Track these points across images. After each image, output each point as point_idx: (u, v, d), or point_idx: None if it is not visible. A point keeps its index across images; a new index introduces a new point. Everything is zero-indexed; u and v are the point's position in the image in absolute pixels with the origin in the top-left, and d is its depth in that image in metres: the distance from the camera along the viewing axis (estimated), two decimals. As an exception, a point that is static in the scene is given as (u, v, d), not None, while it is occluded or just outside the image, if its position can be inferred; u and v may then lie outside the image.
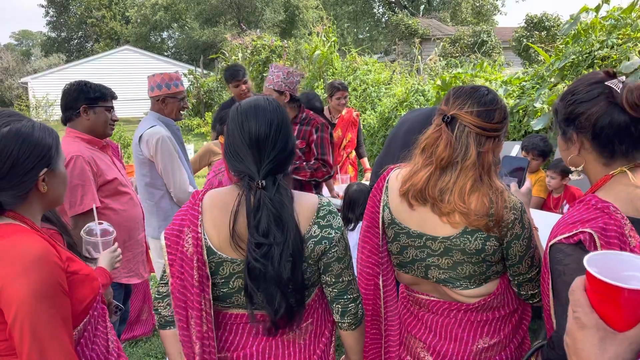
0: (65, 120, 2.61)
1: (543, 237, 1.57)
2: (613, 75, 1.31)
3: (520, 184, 1.83)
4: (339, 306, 1.52)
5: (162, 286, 1.53)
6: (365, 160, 5.07)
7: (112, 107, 2.69)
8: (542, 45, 14.96)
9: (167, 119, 3.11)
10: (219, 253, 1.43)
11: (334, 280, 1.49)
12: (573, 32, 5.75)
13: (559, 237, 1.23)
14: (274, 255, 1.35)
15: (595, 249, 1.17)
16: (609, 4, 5.87)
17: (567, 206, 3.79)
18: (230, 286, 1.44)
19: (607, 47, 5.20)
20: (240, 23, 33.42)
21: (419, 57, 13.01)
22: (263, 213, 1.37)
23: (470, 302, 1.60)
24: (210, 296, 1.42)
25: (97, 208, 2.44)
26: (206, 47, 34.61)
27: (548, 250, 1.26)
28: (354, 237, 3.09)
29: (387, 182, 1.71)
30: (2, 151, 1.29)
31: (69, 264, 1.33)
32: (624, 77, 1.30)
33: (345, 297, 1.51)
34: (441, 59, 14.19)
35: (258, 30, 17.37)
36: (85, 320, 1.39)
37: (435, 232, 1.57)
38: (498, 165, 1.59)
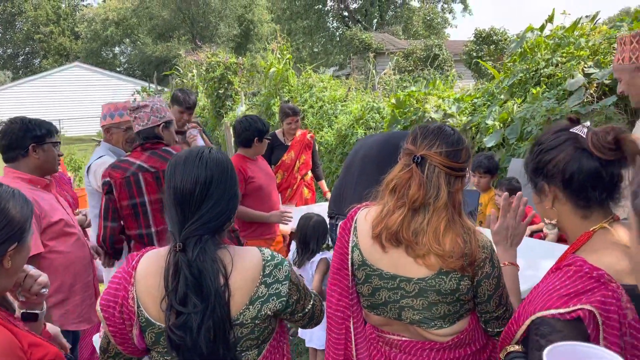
0: (7, 160, 2.47)
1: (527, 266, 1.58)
2: (577, 122, 1.32)
3: (474, 216, 1.83)
4: (308, 327, 1.64)
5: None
6: (324, 182, 5.04)
7: (59, 142, 2.61)
8: (491, 58, 15.46)
9: (117, 149, 3.15)
10: (158, 324, 1.37)
11: (301, 315, 1.53)
12: (520, 50, 5.96)
13: (552, 312, 1.12)
14: (192, 325, 1.28)
15: (596, 326, 1.09)
16: (552, 23, 6.11)
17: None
18: (173, 355, 1.37)
19: (552, 65, 5.40)
20: (195, 39, 33.11)
21: (374, 71, 13.20)
22: (180, 279, 1.29)
23: (443, 341, 1.58)
24: None
25: (41, 252, 2.32)
26: (160, 63, 34.06)
27: (530, 318, 1.17)
28: (309, 272, 3.05)
29: (355, 223, 1.68)
30: None
31: (32, 352, 1.19)
32: (588, 122, 1.31)
33: (312, 321, 1.60)
34: (395, 72, 14.45)
35: (214, 46, 17.21)
36: None
37: (409, 274, 1.54)
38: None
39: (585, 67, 5.09)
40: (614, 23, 5.52)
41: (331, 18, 32.64)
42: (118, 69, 39.48)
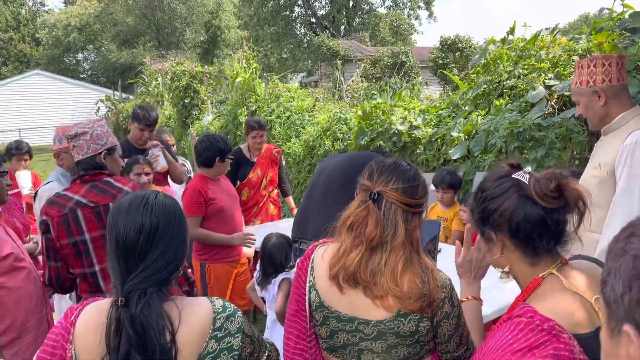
0: None
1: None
2: (517, 167, 1.31)
3: (434, 251, 1.80)
4: None
5: None
6: (290, 199, 4.95)
7: (6, 172, 2.48)
8: (457, 65, 15.70)
9: (69, 175, 3.01)
10: None
11: None
12: (483, 61, 6.02)
13: None
14: None
15: None
16: (514, 35, 6.21)
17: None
18: None
19: (514, 77, 5.47)
20: (161, 45, 32.63)
21: (342, 78, 13.22)
22: (122, 336, 1.20)
23: None
24: None
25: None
26: (125, 69, 33.41)
27: None
28: (271, 293, 2.98)
29: (312, 262, 1.62)
30: None
31: None
32: (529, 168, 1.30)
33: None
34: (363, 80, 14.51)
35: (180, 53, 16.96)
36: None
37: (367, 316, 1.50)
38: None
39: (546, 79, 5.17)
40: (572, 35, 5.63)
41: (299, 24, 32.66)
42: (82, 76, 38.57)
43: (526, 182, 1.25)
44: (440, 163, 5.53)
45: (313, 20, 32.01)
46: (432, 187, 4.03)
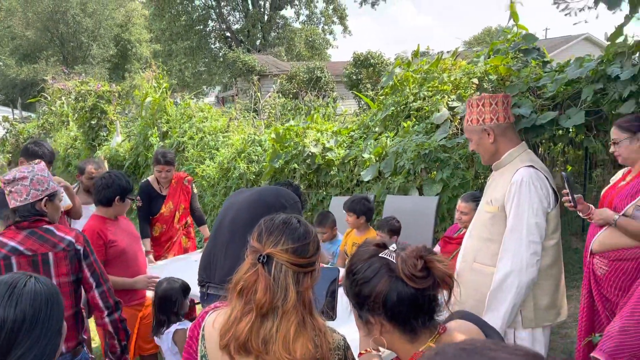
0: None
1: None
2: (383, 246, 1.33)
3: (335, 294, 1.79)
4: None
5: None
6: (206, 227, 4.75)
7: None
8: (370, 80, 16.15)
9: None
10: None
11: None
12: (391, 83, 6.20)
13: None
14: None
15: None
16: (419, 58, 6.45)
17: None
18: None
19: (420, 99, 5.67)
20: (66, 60, 30.89)
21: (259, 94, 13.15)
22: None
23: None
24: None
25: None
26: (26, 86, 31.25)
27: None
28: (164, 343, 2.83)
29: (203, 330, 1.54)
30: None
31: None
32: (394, 245, 1.31)
33: None
34: (280, 95, 14.53)
35: (84, 74, 16.10)
36: None
37: None
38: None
39: (449, 101, 5.41)
40: (471, 59, 5.94)
41: (213, 39, 32.20)
42: (-23, 93, 35.63)
43: (394, 261, 1.26)
44: (354, 184, 5.60)
45: (228, 34, 31.71)
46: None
